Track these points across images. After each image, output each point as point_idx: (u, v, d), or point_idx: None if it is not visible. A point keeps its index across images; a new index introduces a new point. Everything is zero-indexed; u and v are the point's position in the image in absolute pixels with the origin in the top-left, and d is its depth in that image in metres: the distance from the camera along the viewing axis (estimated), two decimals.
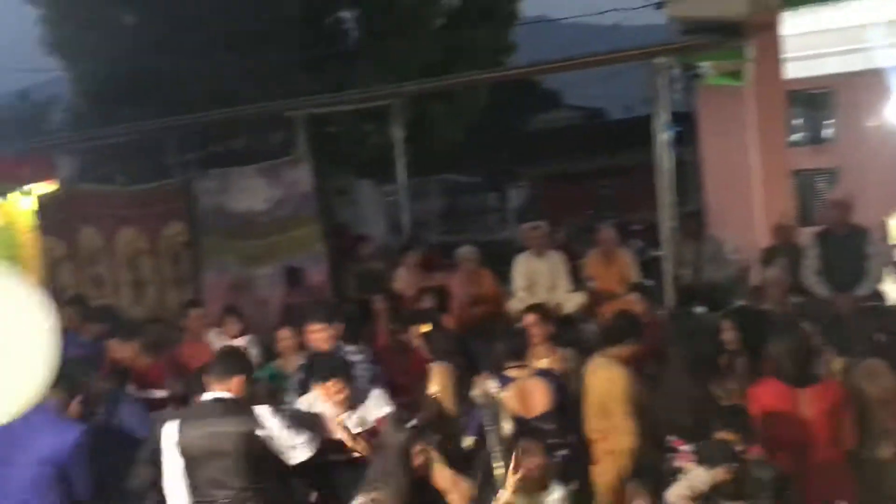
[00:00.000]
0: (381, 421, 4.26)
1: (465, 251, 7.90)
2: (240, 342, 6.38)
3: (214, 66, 12.77)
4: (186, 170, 9.68)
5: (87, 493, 3.92)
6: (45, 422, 3.93)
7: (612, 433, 4.39)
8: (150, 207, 9.03)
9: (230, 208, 8.65)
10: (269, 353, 6.28)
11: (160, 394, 5.51)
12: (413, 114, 11.40)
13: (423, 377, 4.93)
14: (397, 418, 3.80)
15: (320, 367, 4.56)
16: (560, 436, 4.30)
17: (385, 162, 12.95)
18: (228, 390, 4.02)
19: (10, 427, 3.83)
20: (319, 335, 5.24)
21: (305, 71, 14.20)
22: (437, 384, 4.74)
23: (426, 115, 13.81)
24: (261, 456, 3.98)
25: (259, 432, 3.97)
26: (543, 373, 4.59)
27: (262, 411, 4.07)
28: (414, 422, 3.67)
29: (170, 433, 3.96)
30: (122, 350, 5.67)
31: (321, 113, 9.20)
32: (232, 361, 4.20)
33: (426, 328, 5.06)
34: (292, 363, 5.61)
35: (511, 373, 4.46)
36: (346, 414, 4.33)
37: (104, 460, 4.02)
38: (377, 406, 4.41)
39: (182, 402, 4.99)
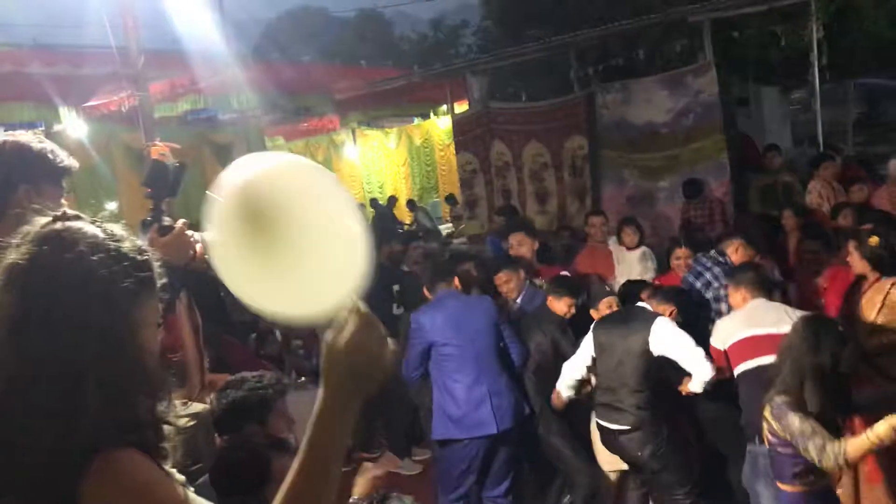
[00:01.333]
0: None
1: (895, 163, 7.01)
2: (635, 253, 6.45)
3: None
4: (588, 84, 9.83)
5: (520, 360, 4.63)
6: (471, 300, 4.68)
7: None
8: (554, 122, 9.37)
9: (630, 120, 8.60)
10: (664, 265, 6.24)
11: None
12: (832, 10, 10.22)
13: (849, 297, 4.51)
14: (807, 324, 3.44)
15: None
16: None
17: (793, 67, 11.86)
18: (662, 311, 4.41)
19: (450, 310, 4.51)
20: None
21: None
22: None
23: (849, 9, 12.24)
24: (653, 367, 4.26)
25: (655, 348, 4.20)
26: None
27: (666, 328, 4.22)
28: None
29: (593, 327, 4.46)
30: (524, 245, 5.93)
31: (727, 16, 8.64)
32: (673, 291, 4.62)
33: (875, 241, 4.52)
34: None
35: None
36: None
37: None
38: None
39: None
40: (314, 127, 16.51)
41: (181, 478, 1.24)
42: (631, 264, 6.25)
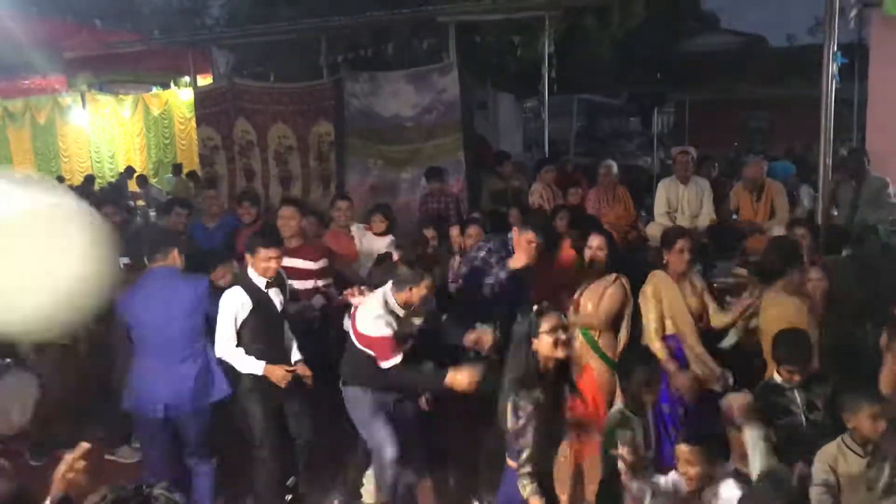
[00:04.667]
0: None
1: (606, 163, 7.83)
2: (384, 241, 6.59)
3: None
4: (337, 71, 9.87)
5: None
6: (180, 281, 4.58)
7: None
8: (301, 105, 9.30)
9: (378, 111, 8.78)
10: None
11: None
12: (564, 28, 11.12)
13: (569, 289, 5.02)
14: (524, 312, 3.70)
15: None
16: None
17: (527, 77, 12.79)
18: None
19: (151, 291, 4.47)
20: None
21: None
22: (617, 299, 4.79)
23: (577, 29, 13.44)
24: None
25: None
26: None
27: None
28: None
29: None
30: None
31: (472, 20, 9.10)
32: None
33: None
34: None
35: None
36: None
37: None
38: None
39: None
40: (37, 86, 15.04)
41: None
42: (380, 250, 6.39)
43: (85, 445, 2.62)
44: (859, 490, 3.39)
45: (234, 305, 4.47)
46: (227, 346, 4.49)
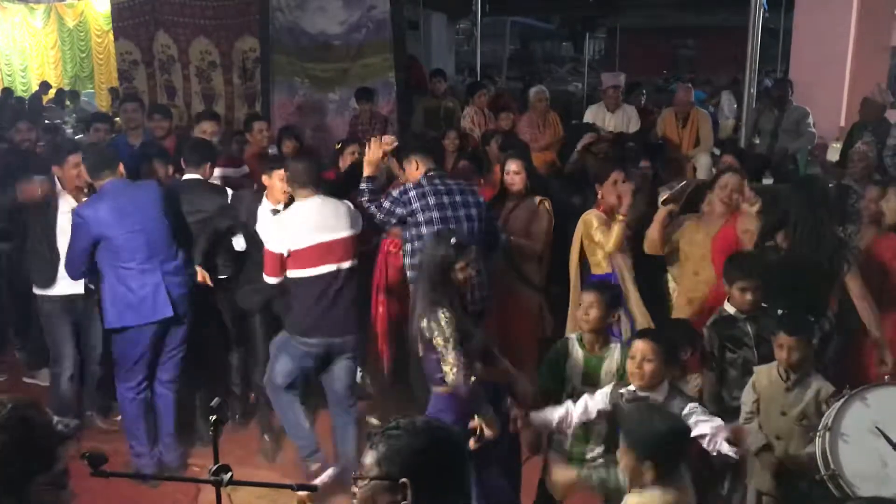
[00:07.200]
0: None
1: (537, 91, 7.83)
2: None
3: None
4: None
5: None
6: (137, 187, 4.65)
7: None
8: (224, 19, 8.93)
9: (304, 27, 8.50)
10: None
11: None
12: None
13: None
14: (439, 235, 3.64)
15: None
16: None
17: None
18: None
19: (115, 200, 4.39)
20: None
21: None
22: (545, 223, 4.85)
23: None
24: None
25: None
26: None
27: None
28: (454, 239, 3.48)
29: None
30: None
31: None
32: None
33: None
34: None
35: None
36: None
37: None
38: None
39: None
40: None
41: None
42: None
43: None
44: (773, 412, 3.39)
45: None
46: None
